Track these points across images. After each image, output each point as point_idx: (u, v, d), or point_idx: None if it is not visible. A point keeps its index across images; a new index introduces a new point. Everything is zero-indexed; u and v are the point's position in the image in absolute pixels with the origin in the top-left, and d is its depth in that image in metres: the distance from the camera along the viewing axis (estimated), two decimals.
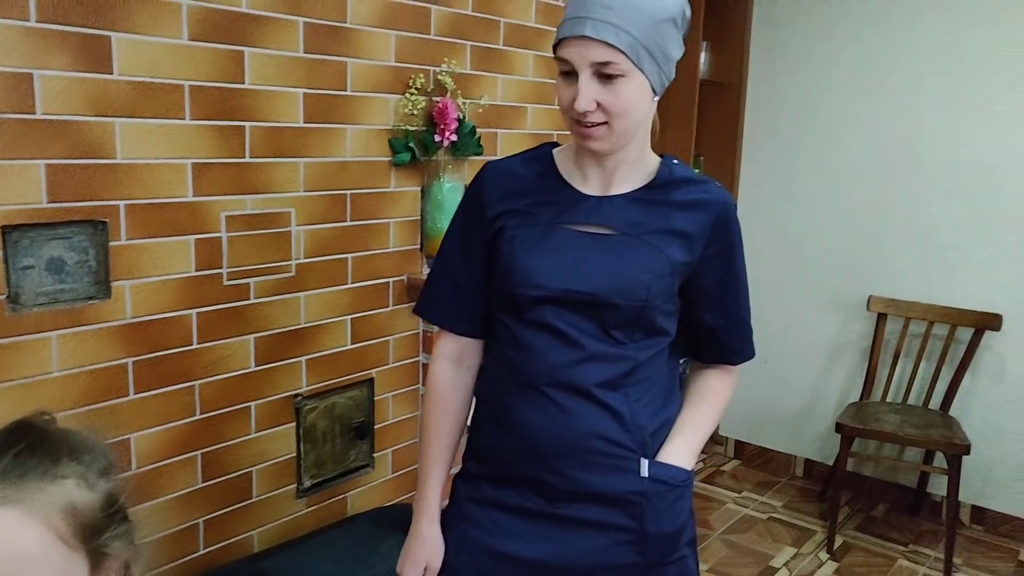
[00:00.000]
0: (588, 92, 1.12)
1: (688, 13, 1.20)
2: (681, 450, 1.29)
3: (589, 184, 1.25)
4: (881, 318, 3.19)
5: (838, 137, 3.29)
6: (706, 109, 3.43)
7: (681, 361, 1.39)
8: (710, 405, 1.36)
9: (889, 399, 3.24)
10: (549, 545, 1.26)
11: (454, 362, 1.34)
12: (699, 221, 1.24)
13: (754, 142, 3.52)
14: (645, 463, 1.26)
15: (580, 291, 1.20)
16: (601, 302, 1.20)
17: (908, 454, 3.27)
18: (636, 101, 1.15)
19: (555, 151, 1.30)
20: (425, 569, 1.30)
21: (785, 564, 2.91)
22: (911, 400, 3.20)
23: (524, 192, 1.26)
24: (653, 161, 1.28)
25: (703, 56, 3.31)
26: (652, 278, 1.21)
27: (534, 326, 1.23)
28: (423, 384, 2.34)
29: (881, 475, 3.38)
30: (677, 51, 1.19)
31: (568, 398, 1.22)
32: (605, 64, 1.11)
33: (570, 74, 1.14)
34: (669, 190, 1.25)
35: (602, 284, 1.20)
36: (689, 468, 1.29)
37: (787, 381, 3.56)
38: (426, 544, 1.30)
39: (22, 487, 0.71)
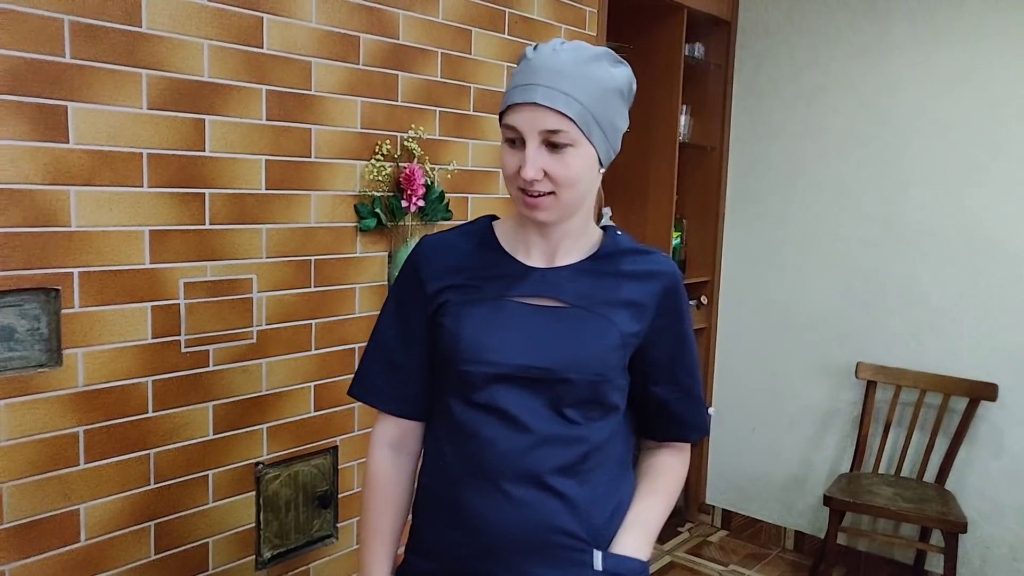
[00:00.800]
0: (536, 160, 1.11)
1: (634, 87, 1.21)
2: (635, 540, 1.23)
3: (533, 256, 1.22)
4: (871, 385, 3.13)
5: (824, 203, 3.29)
6: (687, 172, 3.46)
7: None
8: (665, 489, 1.31)
9: (881, 470, 3.16)
10: None
11: (395, 448, 1.30)
12: (648, 291, 1.22)
13: (737, 206, 3.52)
14: (599, 555, 1.20)
15: (536, 367, 1.16)
16: (557, 378, 1.16)
17: (904, 529, 3.17)
18: (584, 171, 1.14)
19: (495, 224, 1.29)
20: None
21: None
22: (904, 472, 3.12)
23: (465, 266, 1.23)
24: (596, 232, 1.27)
25: (683, 119, 3.34)
26: (606, 350, 1.18)
27: (482, 409, 1.18)
28: None
29: (876, 551, 3.27)
30: (623, 123, 1.19)
31: (522, 489, 1.16)
32: (554, 132, 1.10)
33: (516, 142, 1.14)
34: (615, 260, 1.23)
35: (558, 359, 1.16)
36: (645, 559, 1.23)
37: (776, 450, 3.48)
38: None
39: None
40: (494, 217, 1.31)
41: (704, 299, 3.53)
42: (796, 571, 3.32)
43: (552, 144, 1.11)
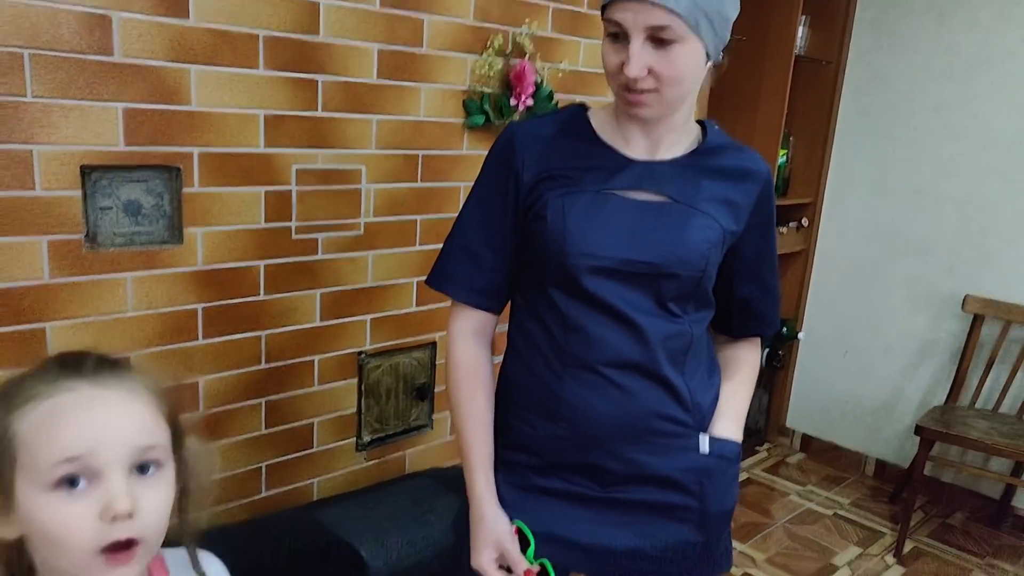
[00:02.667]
0: (640, 58, 1.05)
1: None
2: (732, 424, 1.26)
3: (633, 148, 1.19)
4: (977, 319, 3.00)
5: (945, 125, 3.09)
6: (800, 87, 3.28)
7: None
8: (747, 379, 1.34)
9: (978, 405, 3.06)
10: (604, 529, 1.22)
11: (477, 338, 1.27)
12: (747, 191, 1.21)
13: (848, 125, 3.34)
14: (705, 439, 1.23)
15: (641, 261, 1.15)
16: (663, 273, 1.15)
17: (994, 464, 3.09)
18: (691, 68, 1.09)
19: (589, 113, 1.23)
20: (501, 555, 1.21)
21: (848, 563, 2.80)
22: (1003, 409, 3.01)
23: (561, 156, 1.19)
24: (696, 126, 1.23)
25: (801, 31, 3.15)
26: (710, 247, 1.17)
27: (587, 302, 1.17)
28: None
29: (962, 482, 3.20)
30: (734, 11, 1.12)
31: (629, 378, 1.17)
32: (660, 29, 1.04)
33: (619, 36, 1.08)
34: (716, 156, 1.21)
35: (663, 254, 1.15)
36: (739, 441, 1.26)
37: (866, 377, 3.40)
38: (496, 527, 1.20)
39: (118, 375, 0.80)
40: (583, 106, 1.25)
41: (805, 221, 3.40)
42: (875, 496, 3.29)
43: (657, 40, 1.05)
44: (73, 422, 0.76)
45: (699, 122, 1.25)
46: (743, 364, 1.34)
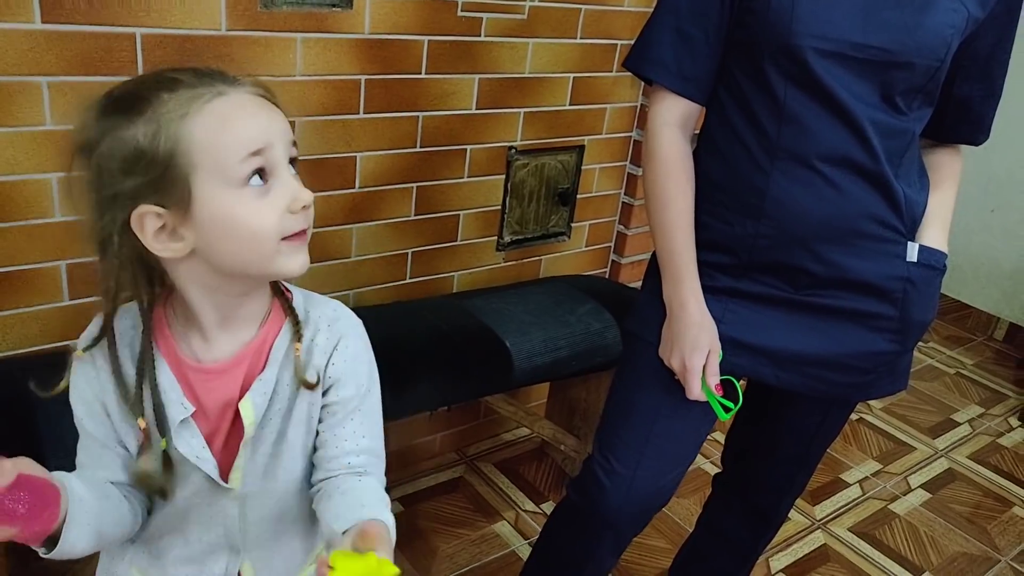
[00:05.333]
0: None
1: None
2: (939, 234, 1.19)
3: None
4: None
5: None
6: None
7: None
8: (952, 185, 1.24)
9: None
10: (794, 334, 1.17)
11: (682, 129, 1.18)
12: None
13: None
14: (914, 247, 1.16)
15: (875, 46, 1.04)
16: (896, 61, 1.04)
17: None
18: None
19: None
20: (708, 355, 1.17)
21: (969, 421, 2.75)
22: None
23: None
24: None
25: None
26: (953, 33, 1.06)
27: (808, 90, 1.07)
28: (632, 162, 2.24)
29: None
30: None
31: (842, 175, 1.09)
32: None
33: None
34: None
35: (901, 39, 1.04)
36: (946, 252, 1.19)
37: (1013, 235, 3.20)
38: (705, 328, 1.16)
39: (249, 81, 0.81)
40: None
41: None
42: (1001, 360, 3.19)
43: None
44: (249, 121, 0.76)
45: None
46: (949, 171, 1.24)
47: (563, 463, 2.24)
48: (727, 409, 1.18)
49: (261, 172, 0.77)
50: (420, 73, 1.75)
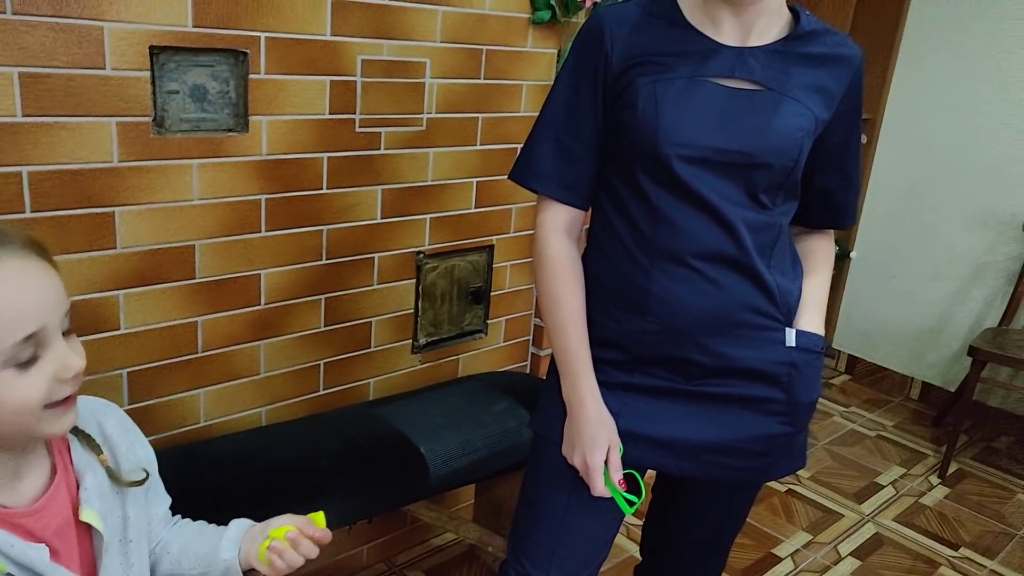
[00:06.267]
0: None
1: None
2: (815, 317, 1.25)
3: (724, 34, 1.14)
4: None
5: (1013, 38, 2.95)
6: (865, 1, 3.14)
7: None
8: (825, 270, 1.32)
9: None
10: (689, 424, 1.21)
11: (568, 234, 1.24)
12: (839, 76, 1.18)
13: (914, 38, 3.21)
14: (792, 333, 1.22)
15: (735, 150, 1.12)
16: (755, 162, 1.13)
17: None
18: None
19: None
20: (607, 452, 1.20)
21: (892, 483, 2.81)
22: None
23: (651, 40, 1.15)
24: (787, 12, 1.18)
25: None
26: (804, 135, 1.14)
27: (678, 193, 1.14)
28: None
29: (1009, 406, 3.19)
30: None
31: (717, 270, 1.15)
32: None
33: None
34: (809, 42, 1.16)
35: (757, 142, 1.12)
36: (822, 335, 1.26)
37: (915, 300, 3.36)
38: (603, 424, 1.19)
39: (23, 242, 0.80)
40: None
41: (864, 138, 3.30)
42: (918, 419, 3.29)
43: None
44: (20, 299, 0.76)
45: (790, 8, 1.19)
46: (821, 257, 1.32)
47: (493, 564, 2.20)
48: (631, 503, 1.20)
49: (33, 348, 0.77)
50: (321, 188, 1.79)
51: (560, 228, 1.24)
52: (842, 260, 3.42)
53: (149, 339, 1.60)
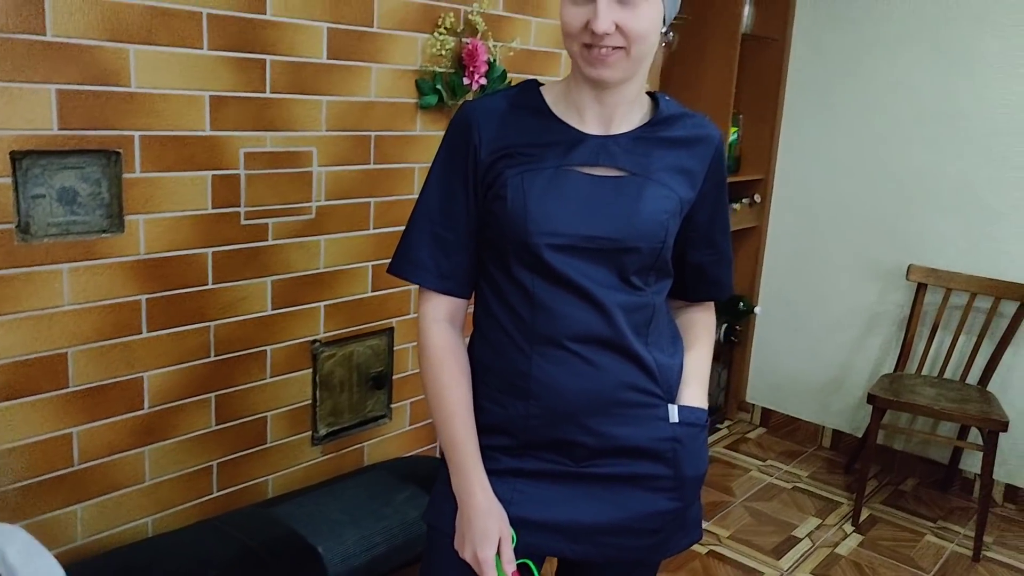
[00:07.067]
0: (608, 13, 1.06)
1: None
2: (697, 391, 1.27)
3: (587, 123, 1.18)
4: (920, 288, 3.07)
5: (884, 98, 3.15)
6: (747, 65, 3.30)
7: None
8: (708, 343, 1.34)
9: (925, 372, 3.14)
10: (581, 506, 1.20)
11: (451, 324, 1.24)
12: (700, 156, 1.22)
13: (795, 101, 3.38)
14: (673, 409, 1.23)
15: (602, 236, 1.14)
16: (623, 247, 1.15)
17: (941, 429, 3.18)
18: (654, 26, 1.10)
19: (542, 88, 1.22)
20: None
21: (808, 535, 2.84)
22: (948, 374, 3.10)
23: (518, 132, 1.17)
24: (647, 98, 1.23)
25: (746, 9, 3.16)
26: (669, 217, 1.17)
27: (551, 280, 1.15)
28: None
29: (912, 449, 3.29)
30: None
31: (595, 352, 1.16)
32: None
33: None
34: (669, 126, 1.21)
35: (623, 227, 1.15)
36: (705, 408, 1.27)
37: (818, 351, 3.46)
38: (493, 516, 1.17)
39: None
40: (536, 81, 1.24)
41: (757, 198, 3.43)
42: (832, 467, 3.36)
43: None
44: None
45: (650, 94, 1.24)
46: (701, 329, 1.35)
47: None
48: None
49: None
50: (207, 284, 1.75)
51: (441, 318, 1.23)
52: (748, 316, 3.52)
53: (17, 456, 1.51)
